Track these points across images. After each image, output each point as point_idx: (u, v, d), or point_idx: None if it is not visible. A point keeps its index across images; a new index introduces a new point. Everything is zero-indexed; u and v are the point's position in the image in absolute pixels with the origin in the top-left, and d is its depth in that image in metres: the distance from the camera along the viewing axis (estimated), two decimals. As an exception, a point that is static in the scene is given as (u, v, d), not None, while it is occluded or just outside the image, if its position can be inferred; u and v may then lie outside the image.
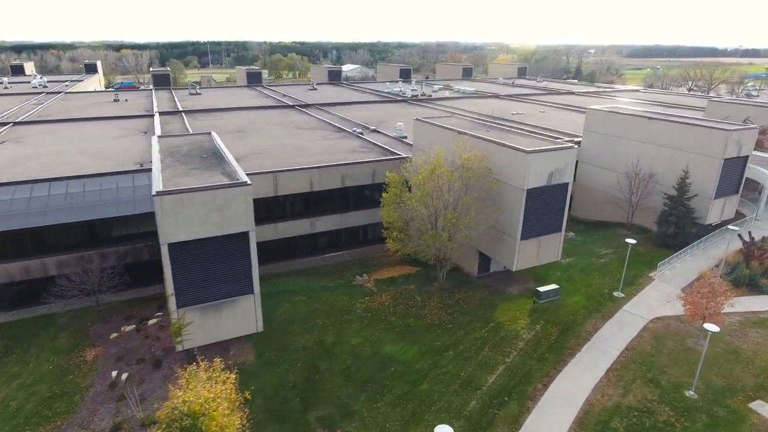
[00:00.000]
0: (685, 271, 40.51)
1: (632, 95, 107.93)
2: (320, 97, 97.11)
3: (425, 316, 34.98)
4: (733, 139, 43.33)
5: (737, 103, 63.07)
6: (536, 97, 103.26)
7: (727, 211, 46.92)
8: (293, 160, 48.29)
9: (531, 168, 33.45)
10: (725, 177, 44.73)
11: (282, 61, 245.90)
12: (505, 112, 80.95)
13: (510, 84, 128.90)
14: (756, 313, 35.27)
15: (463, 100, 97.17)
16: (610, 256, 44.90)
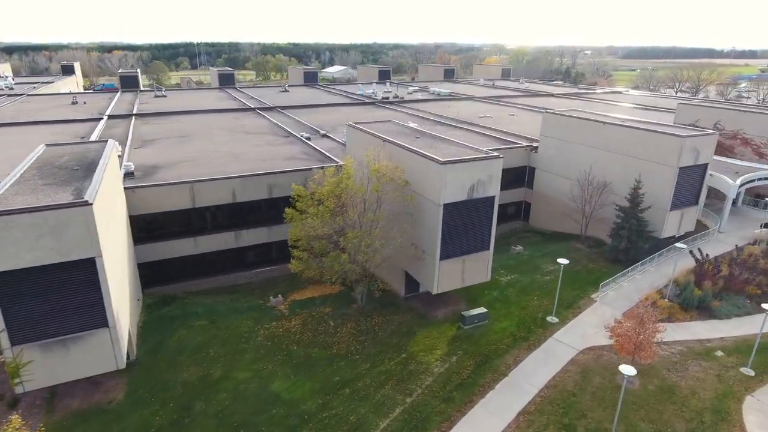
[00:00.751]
0: (632, 291, 36.85)
1: (613, 96, 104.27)
2: (287, 100, 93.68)
3: (332, 344, 31.38)
4: (689, 145, 39.68)
5: (708, 106, 59.47)
6: (512, 99, 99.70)
7: (686, 223, 43.25)
8: (222, 168, 44.77)
9: (447, 180, 29.85)
10: (682, 187, 41.08)
11: (269, 62, 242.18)
12: (474, 115, 77.51)
13: (490, 86, 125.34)
14: (702, 341, 31.59)
15: (433, 102, 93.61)
16: (556, 273, 41.15)
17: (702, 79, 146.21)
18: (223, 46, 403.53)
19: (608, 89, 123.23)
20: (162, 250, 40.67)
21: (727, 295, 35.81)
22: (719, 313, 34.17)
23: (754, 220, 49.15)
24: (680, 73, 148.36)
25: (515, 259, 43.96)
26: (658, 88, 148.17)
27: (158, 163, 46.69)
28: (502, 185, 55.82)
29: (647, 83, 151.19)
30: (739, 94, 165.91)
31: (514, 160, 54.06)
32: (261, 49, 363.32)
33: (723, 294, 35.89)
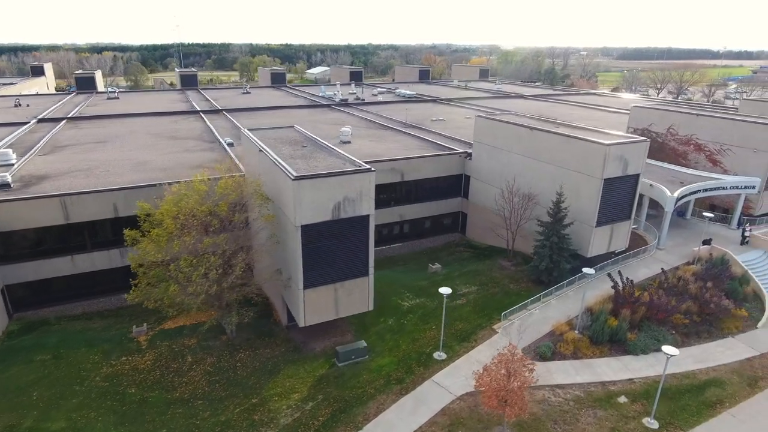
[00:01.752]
0: (541, 320, 32.56)
1: (583, 99, 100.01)
2: (242, 102, 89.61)
3: (178, 386, 27.22)
4: (614, 154, 35.42)
5: (661, 109, 55.14)
6: (477, 101, 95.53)
7: (618, 240, 38.95)
8: (115, 179, 40.78)
9: (303, 198, 25.69)
10: (609, 200, 36.81)
11: (253, 63, 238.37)
12: (427, 118, 73.53)
13: (463, 87, 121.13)
14: (606, 384, 27.31)
15: (393, 104, 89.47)
16: (470, 296, 37.03)
17: (684, 80, 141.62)
18: (214, 46, 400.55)
19: (584, 91, 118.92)
20: (34, 269, 36.69)
21: (648, 326, 31.53)
22: (634, 347, 29.86)
23: (703, 235, 44.77)
24: (661, 75, 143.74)
25: (428, 280, 39.73)
26: (639, 90, 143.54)
27: (49, 173, 42.64)
28: (438, 194, 52.96)
29: (629, 85, 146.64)
30: (727, 95, 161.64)
31: (448, 168, 50.04)
32: (250, 50, 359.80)
33: (644, 324, 31.63)
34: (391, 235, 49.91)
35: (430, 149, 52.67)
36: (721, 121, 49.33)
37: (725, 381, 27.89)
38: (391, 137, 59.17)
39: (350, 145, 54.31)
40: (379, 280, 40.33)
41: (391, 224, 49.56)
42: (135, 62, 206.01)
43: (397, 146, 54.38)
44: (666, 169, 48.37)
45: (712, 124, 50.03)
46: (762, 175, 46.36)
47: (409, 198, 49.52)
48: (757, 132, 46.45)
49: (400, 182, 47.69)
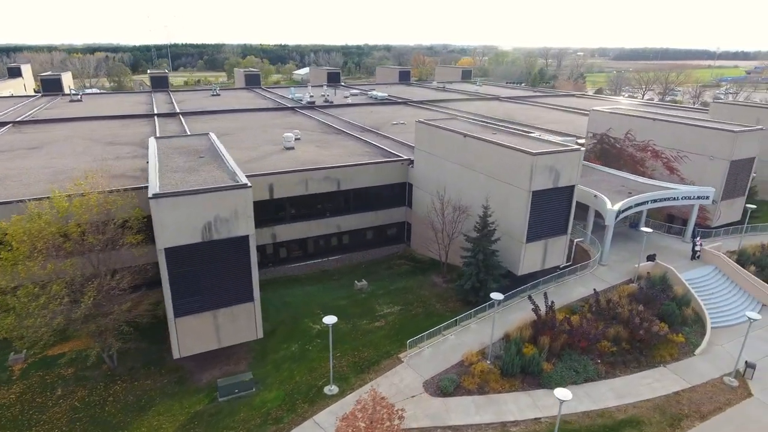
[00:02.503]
0: (455, 347, 29.75)
1: (561, 100, 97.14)
2: (207, 105, 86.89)
3: (36, 424, 24.53)
4: (542, 165, 32.64)
5: (620, 114, 52.25)
6: (451, 103, 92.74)
7: (553, 256, 36.14)
8: (24, 189, 38.10)
9: (164, 218, 23.00)
10: (540, 214, 34.02)
11: (240, 65, 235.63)
12: (389, 122, 70.98)
13: (441, 88, 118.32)
14: (507, 425, 24.48)
15: (360, 107, 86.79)
16: (390, 318, 34.30)
17: (670, 81, 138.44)
18: (208, 47, 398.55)
19: (565, 93, 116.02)
20: None
21: (570, 355, 28.74)
22: (549, 380, 27.06)
23: (652, 249, 41.94)
24: (646, 76, 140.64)
25: (350, 298, 37.02)
26: (625, 91, 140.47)
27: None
28: (381, 203, 50.05)
29: (615, 86, 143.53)
30: (716, 97, 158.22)
31: (390, 176, 47.30)
32: (243, 51, 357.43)
33: (566, 353, 28.83)
34: (328, 247, 47.23)
35: (376, 156, 49.99)
36: (677, 127, 46.50)
37: (644, 420, 25.07)
38: (340, 142, 56.48)
39: (293, 152, 51.76)
40: (297, 298, 37.80)
41: (328, 236, 46.88)
42: (118, 63, 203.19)
43: (342, 152, 51.69)
44: (619, 177, 45.57)
45: (668, 129, 47.21)
46: (718, 184, 43.54)
47: (347, 208, 46.81)
48: (713, 138, 43.61)
49: (336, 191, 45.03)
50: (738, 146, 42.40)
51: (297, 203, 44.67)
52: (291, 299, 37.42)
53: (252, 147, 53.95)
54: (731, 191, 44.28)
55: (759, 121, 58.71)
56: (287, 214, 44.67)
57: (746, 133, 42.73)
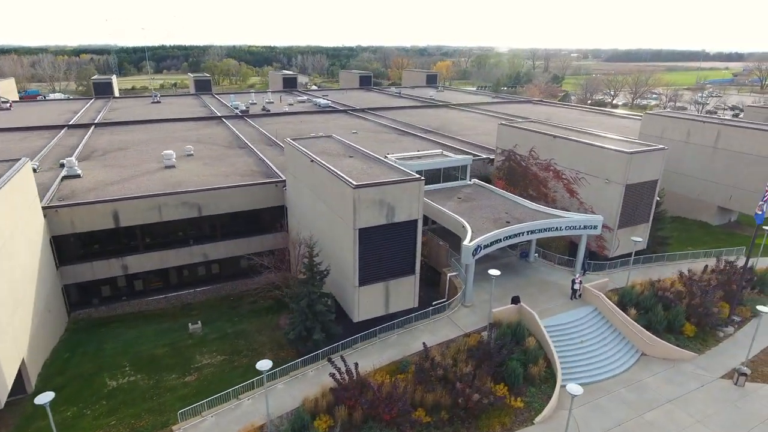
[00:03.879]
0: (245, 416, 25.27)
1: (511, 108, 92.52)
2: (137, 114, 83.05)
3: None
4: (368, 198, 28.22)
5: (525, 129, 47.58)
6: (394, 111, 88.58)
7: (400, 299, 31.64)
8: None
9: None
10: (374, 252, 29.61)
11: (217, 67, 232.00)
12: (312, 132, 66.79)
13: (397, 95, 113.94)
14: None
15: (290, 116, 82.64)
16: (206, 371, 29.93)
17: (639, 84, 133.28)
18: (194, 49, 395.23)
19: (525, 99, 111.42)
20: None
21: (373, 428, 24.26)
22: (333, 464, 22.66)
23: (536, 284, 37.44)
24: (615, 79, 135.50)
25: (174, 345, 32.71)
26: (592, 95, 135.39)
27: None
28: (257, 229, 45.35)
29: (585, 91, 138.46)
30: (696, 100, 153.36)
31: (265, 199, 42.98)
32: (228, 53, 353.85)
33: (370, 426, 24.35)
34: (195, 277, 43.00)
35: (263, 175, 45.83)
36: (575, 146, 41.95)
37: None
38: (235, 159, 52.28)
39: (171, 171, 47.72)
40: (116, 344, 33.48)
41: (193, 265, 42.67)
42: (86, 67, 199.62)
43: (226, 171, 47.51)
44: (510, 202, 41.04)
45: (567, 147, 42.69)
46: (614, 210, 39.00)
47: (215, 234, 42.60)
48: (607, 159, 39.07)
49: (200, 217, 40.78)
50: (634, 168, 37.83)
51: (152, 231, 40.47)
52: (109, 345, 33.14)
53: (134, 165, 49.85)
54: (630, 218, 39.73)
55: (689, 134, 54.38)
56: (141, 243, 40.44)
57: (643, 154, 38.17)
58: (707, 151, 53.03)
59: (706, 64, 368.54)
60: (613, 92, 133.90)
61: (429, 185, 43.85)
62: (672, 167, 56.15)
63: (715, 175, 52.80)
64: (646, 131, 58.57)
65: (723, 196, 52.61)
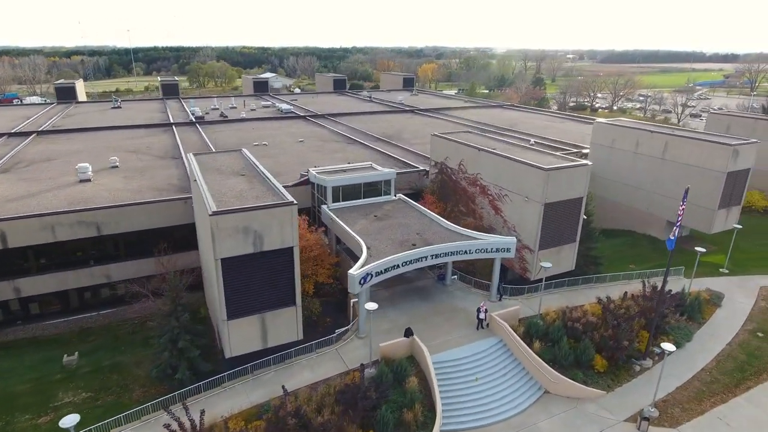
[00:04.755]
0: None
1: (478, 114, 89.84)
2: (91, 120, 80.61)
3: None
4: (230, 226, 25.70)
5: (456, 141, 44.85)
6: (358, 116, 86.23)
7: (279, 332, 29.00)
8: None
9: None
10: (242, 283, 27.06)
11: (202, 69, 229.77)
12: (264, 140, 64.97)
13: (367, 99, 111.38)
14: None
15: (249, 122, 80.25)
16: (64, 412, 27.26)
17: (619, 87, 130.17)
18: (186, 50, 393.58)
19: (496, 104, 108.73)
20: None
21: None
22: None
23: (446, 311, 34.84)
24: (594, 82, 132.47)
25: (40, 381, 30.30)
26: (571, 99, 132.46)
27: None
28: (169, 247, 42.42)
29: (562, 94, 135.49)
30: (677, 104, 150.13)
31: (177, 216, 40.30)
32: (218, 54, 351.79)
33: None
34: (97, 300, 40.57)
35: (181, 191, 43.31)
36: (497, 160, 39.34)
37: None
38: (159, 171, 49.93)
39: (85, 185, 45.31)
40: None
41: (96, 287, 40.25)
42: (66, 69, 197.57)
43: (146, 185, 45.17)
44: (426, 221, 38.41)
45: (491, 162, 40.09)
46: (534, 230, 36.39)
47: (119, 254, 40.17)
48: (527, 176, 36.46)
49: (104, 236, 38.32)
50: (553, 186, 35.23)
51: (50, 251, 38.06)
52: (-29, 378, 30.68)
53: (50, 178, 47.53)
54: (554, 238, 37.11)
55: (638, 145, 51.76)
56: (34, 264, 38.04)
57: (563, 170, 35.56)
58: (656, 163, 50.33)
59: (701, 65, 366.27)
60: (591, 95, 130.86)
61: (348, 201, 41.53)
62: (623, 179, 53.64)
63: (663, 188, 50.12)
64: (597, 140, 55.97)
65: (671, 210, 49.81)
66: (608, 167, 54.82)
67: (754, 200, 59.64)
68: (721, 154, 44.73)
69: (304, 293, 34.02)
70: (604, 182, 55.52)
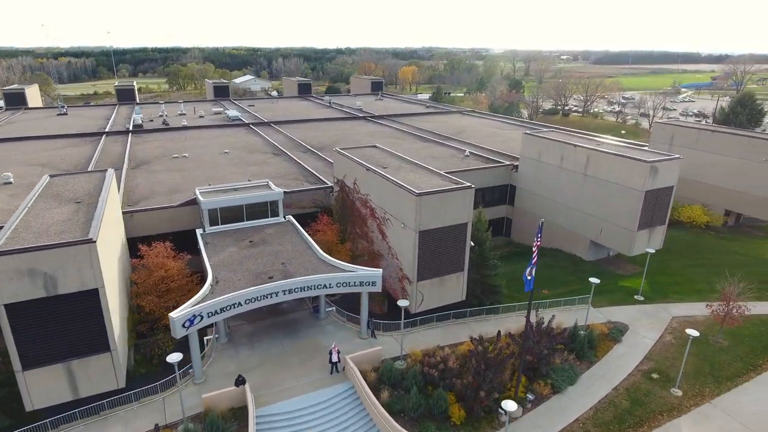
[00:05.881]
0: None
1: (430, 120, 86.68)
2: (19, 129, 77.75)
3: None
4: (12, 269, 22.70)
5: (350, 158, 41.58)
6: (300, 125, 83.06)
7: (92, 382, 26.03)
8: None
9: None
10: (35, 331, 24.10)
11: (182, 71, 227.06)
12: (189, 150, 62.24)
13: (327, 105, 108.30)
14: None
15: (185, 132, 77.22)
16: None
17: (590, 90, 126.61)
18: (176, 51, 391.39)
19: (456, 109, 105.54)
20: None
21: None
22: None
23: (310, 349, 31.77)
24: (565, 86, 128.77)
25: None
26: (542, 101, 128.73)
27: None
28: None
29: (535, 98, 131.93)
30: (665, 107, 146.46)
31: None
32: (206, 56, 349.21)
33: None
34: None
35: None
36: (381, 181, 36.23)
37: None
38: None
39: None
40: None
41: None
42: (37, 73, 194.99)
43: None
44: (302, 248, 35.36)
45: (376, 182, 37.01)
46: (411, 259, 33.28)
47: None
48: (403, 201, 33.34)
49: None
50: (428, 212, 32.12)
51: None
52: None
53: None
54: (434, 268, 33.98)
55: (563, 159, 48.65)
56: None
57: (438, 195, 32.44)
58: (578, 179, 47.25)
59: (693, 66, 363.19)
60: (563, 99, 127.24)
61: (230, 224, 38.56)
62: (550, 194, 50.59)
63: (585, 205, 47.04)
64: (525, 153, 52.91)
65: (594, 230, 46.82)
66: (536, 182, 51.81)
67: (695, 215, 56.49)
68: (639, 172, 41.59)
69: (162, 328, 31.23)
70: (533, 197, 52.53)
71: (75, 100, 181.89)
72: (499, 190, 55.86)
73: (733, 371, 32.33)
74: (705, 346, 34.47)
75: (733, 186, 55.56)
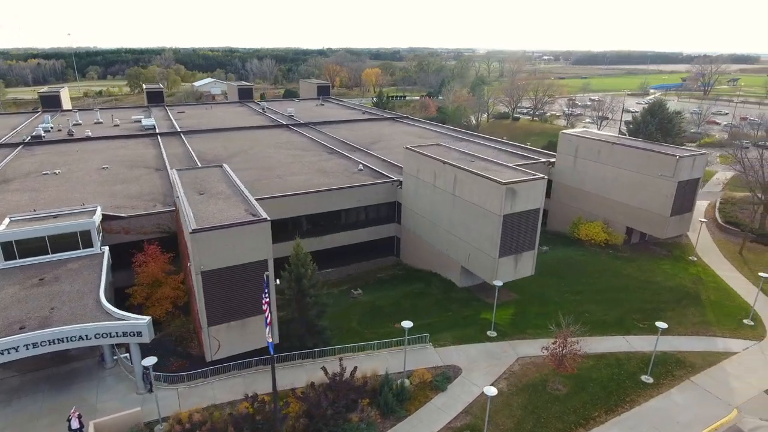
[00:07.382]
0: None
1: (359, 127, 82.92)
2: None
3: None
4: None
5: (178, 181, 37.76)
6: (214, 134, 79.07)
7: None
8: None
9: None
10: None
11: (142, 74, 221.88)
12: (69, 164, 58.28)
13: (261, 112, 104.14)
14: None
15: (86, 143, 73.03)
16: None
17: (543, 94, 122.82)
18: (150, 52, 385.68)
19: (392, 115, 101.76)
20: None
21: None
22: None
23: (63, 408, 27.89)
24: (515, 88, 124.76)
25: None
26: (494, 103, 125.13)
27: None
28: None
29: (487, 99, 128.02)
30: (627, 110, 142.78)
31: None
32: (178, 57, 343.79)
33: None
34: None
35: None
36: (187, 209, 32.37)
37: None
38: None
39: None
40: None
41: None
42: None
43: None
44: (92, 288, 31.45)
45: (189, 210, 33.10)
46: (200, 302, 29.35)
47: None
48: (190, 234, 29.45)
49: None
50: (208, 251, 28.22)
51: None
52: None
53: None
54: (229, 311, 30.00)
55: (436, 177, 44.96)
56: None
57: (221, 230, 28.47)
58: (449, 199, 43.59)
59: (669, 66, 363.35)
60: (514, 101, 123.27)
61: (29, 258, 34.50)
62: (425, 214, 47.01)
63: (455, 228, 43.41)
64: (407, 169, 49.23)
65: (463, 255, 43.17)
66: (416, 200, 48.20)
67: (593, 233, 52.96)
68: (495, 194, 37.93)
69: None
70: (415, 216, 48.96)
71: (26, 104, 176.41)
72: (386, 207, 52.19)
73: (560, 427, 28.68)
74: (540, 395, 30.84)
75: (632, 202, 52.12)
